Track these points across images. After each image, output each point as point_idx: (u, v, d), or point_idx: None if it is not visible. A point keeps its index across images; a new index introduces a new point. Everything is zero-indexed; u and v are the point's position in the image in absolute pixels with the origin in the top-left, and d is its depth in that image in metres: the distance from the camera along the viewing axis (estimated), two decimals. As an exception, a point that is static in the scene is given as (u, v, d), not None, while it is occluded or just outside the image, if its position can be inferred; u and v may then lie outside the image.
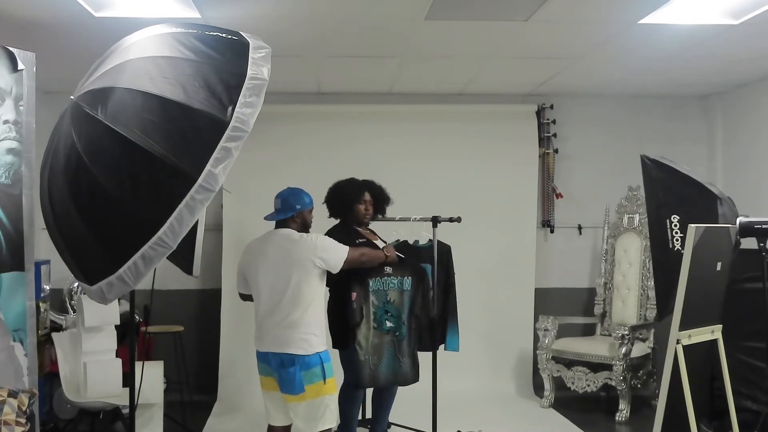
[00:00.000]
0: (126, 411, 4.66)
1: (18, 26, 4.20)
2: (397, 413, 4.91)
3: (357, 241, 4.36)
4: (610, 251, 6.37)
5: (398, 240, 4.75)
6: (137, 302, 3.85)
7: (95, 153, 2.82)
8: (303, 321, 3.77)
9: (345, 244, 4.06)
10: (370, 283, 4.31)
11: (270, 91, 2.95)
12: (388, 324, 4.35)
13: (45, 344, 4.95)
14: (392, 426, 5.03)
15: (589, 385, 5.73)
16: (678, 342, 3.53)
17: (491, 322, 6.22)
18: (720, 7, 4.09)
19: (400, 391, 4.80)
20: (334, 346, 4.48)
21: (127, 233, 2.80)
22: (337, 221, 4.64)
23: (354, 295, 4.25)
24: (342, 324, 4.34)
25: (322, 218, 4.70)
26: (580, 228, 6.67)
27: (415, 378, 4.49)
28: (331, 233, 4.37)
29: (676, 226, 4.28)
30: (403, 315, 4.40)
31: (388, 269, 4.38)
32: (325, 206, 4.65)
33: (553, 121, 6.56)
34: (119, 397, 4.56)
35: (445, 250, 4.76)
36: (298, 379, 3.71)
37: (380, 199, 4.65)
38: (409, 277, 4.43)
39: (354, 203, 4.54)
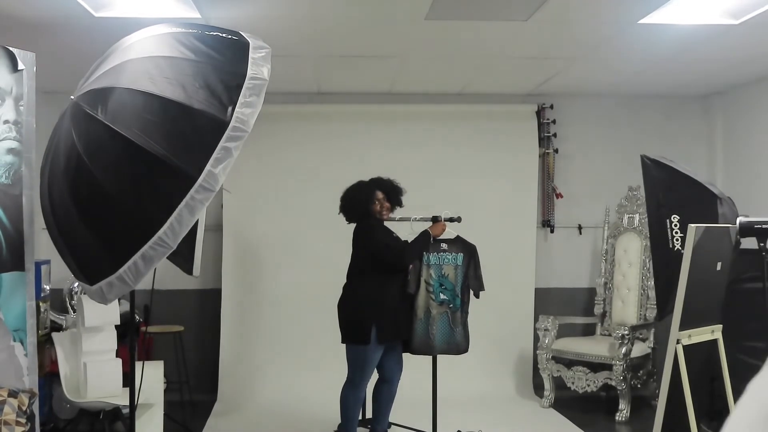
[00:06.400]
0: (126, 411, 4.65)
1: (18, 26, 4.19)
2: (397, 413, 4.92)
3: (393, 235, 4.65)
4: (610, 251, 6.37)
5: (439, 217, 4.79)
6: (137, 302, 3.84)
7: (95, 153, 2.82)
8: None
9: (385, 237, 4.49)
10: (430, 258, 4.62)
11: (270, 91, 2.95)
12: (442, 296, 4.62)
13: (45, 344, 4.94)
14: (392, 426, 5.03)
15: (589, 385, 5.74)
16: (678, 342, 3.53)
17: (491, 322, 6.21)
18: (720, 7, 4.09)
19: (401, 391, 4.80)
20: (349, 341, 4.51)
21: (127, 233, 2.80)
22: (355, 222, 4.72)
23: (410, 266, 4.59)
24: (364, 315, 4.45)
25: (341, 225, 4.73)
26: (580, 228, 6.67)
27: (466, 347, 4.70)
28: (371, 229, 4.57)
29: (676, 225, 4.28)
30: (456, 288, 4.66)
31: (444, 245, 4.68)
32: (342, 216, 4.73)
33: (553, 121, 6.56)
34: (119, 397, 4.56)
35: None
36: None
37: (393, 193, 4.69)
38: (461, 253, 4.68)
39: (369, 205, 4.58)
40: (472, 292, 4.70)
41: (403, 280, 4.58)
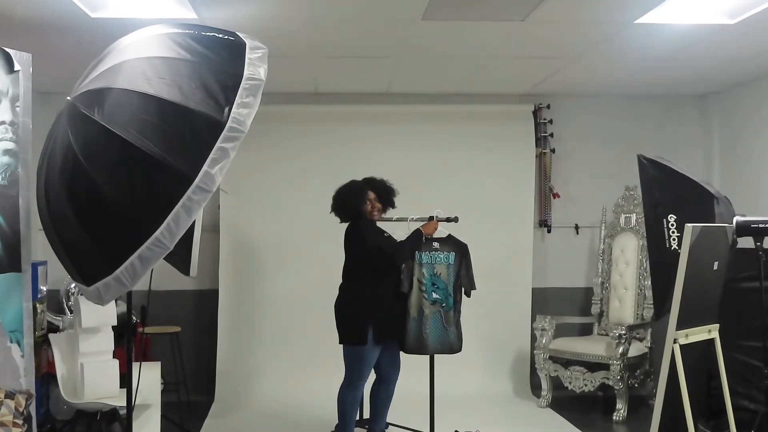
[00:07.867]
0: (123, 412, 4.64)
1: (14, 27, 4.19)
2: (394, 413, 4.91)
3: (385, 235, 4.64)
4: (607, 251, 6.38)
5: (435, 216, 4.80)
6: (134, 303, 3.84)
7: (92, 154, 2.81)
8: None
9: (376, 238, 4.47)
10: (423, 257, 4.63)
11: (267, 92, 2.95)
12: (435, 296, 4.63)
13: (42, 345, 4.94)
14: (390, 426, 5.02)
15: (586, 385, 5.74)
16: (675, 341, 3.54)
17: (488, 322, 6.22)
18: (716, 7, 4.09)
19: (398, 391, 4.80)
20: (346, 342, 4.51)
21: (124, 234, 2.79)
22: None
23: (404, 265, 4.60)
24: (361, 316, 4.44)
25: (338, 225, 4.72)
26: (577, 228, 6.67)
27: (460, 347, 4.71)
28: (362, 229, 4.54)
29: (673, 225, 4.29)
30: (449, 287, 4.67)
31: (436, 244, 4.69)
32: (334, 214, 4.70)
33: (550, 121, 6.57)
34: (116, 398, 4.55)
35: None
36: None
37: (385, 194, 4.68)
38: (453, 252, 4.69)
39: (360, 205, 4.57)
40: (463, 291, 4.70)
41: (397, 279, 4.58)
